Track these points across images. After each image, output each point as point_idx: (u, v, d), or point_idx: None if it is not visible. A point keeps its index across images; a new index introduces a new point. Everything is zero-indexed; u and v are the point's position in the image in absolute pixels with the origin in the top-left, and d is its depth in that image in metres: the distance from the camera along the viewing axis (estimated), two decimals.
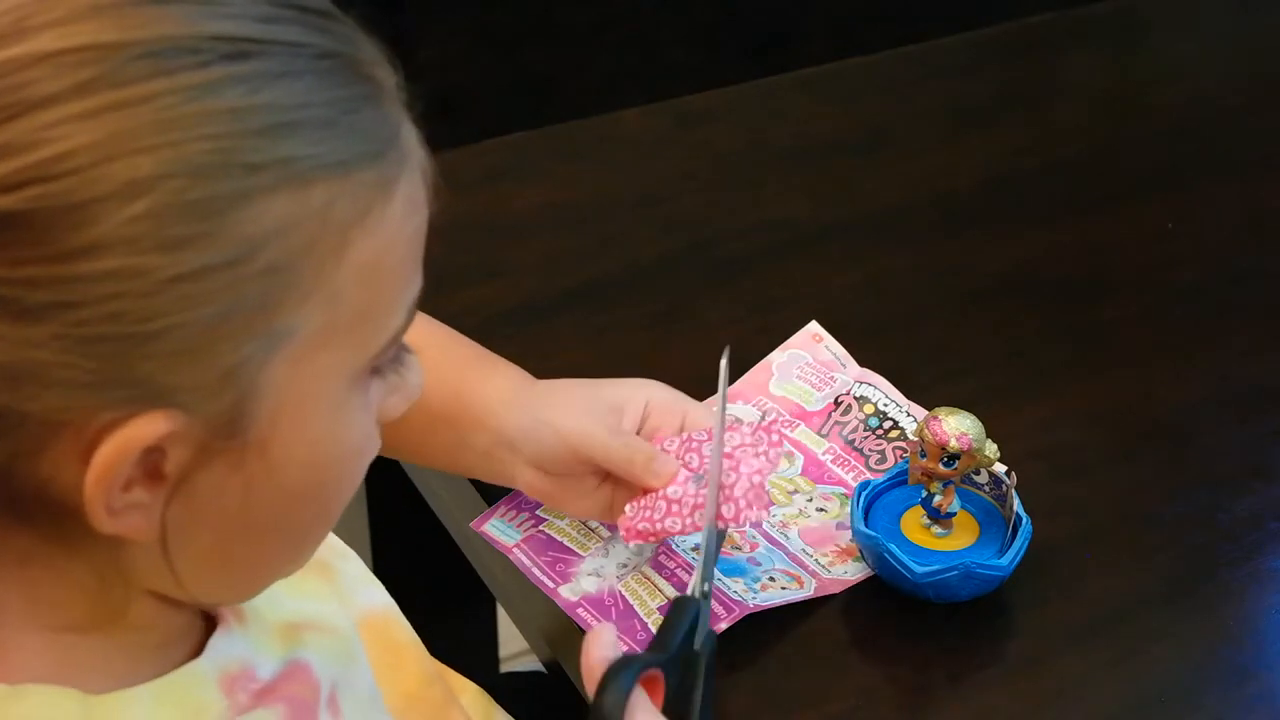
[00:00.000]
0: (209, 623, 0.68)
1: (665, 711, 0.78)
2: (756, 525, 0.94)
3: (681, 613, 0.82)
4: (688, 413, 0.92)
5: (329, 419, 0.61)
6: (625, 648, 0.88)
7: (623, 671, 0.76)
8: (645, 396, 0.93)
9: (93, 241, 0.54)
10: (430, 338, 0.96)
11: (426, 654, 0.85)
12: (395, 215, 0.60)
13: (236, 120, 0.56)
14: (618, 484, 0.91)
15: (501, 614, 1.31)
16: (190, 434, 0.57)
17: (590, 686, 0.77)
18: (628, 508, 0.89)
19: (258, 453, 0.59)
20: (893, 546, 0.91)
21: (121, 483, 0.57)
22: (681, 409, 0.93)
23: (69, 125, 0.54)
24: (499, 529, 0.95)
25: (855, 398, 1.05)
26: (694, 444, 0.90)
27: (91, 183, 0.54)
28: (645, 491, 0.89)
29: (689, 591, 0.84)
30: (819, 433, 1.04)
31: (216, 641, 0.67)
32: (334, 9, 0.61)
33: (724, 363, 0.89)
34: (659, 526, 0.88)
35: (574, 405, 0.91)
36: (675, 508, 0.88)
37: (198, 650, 0.66)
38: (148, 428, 0.56)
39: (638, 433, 0.92)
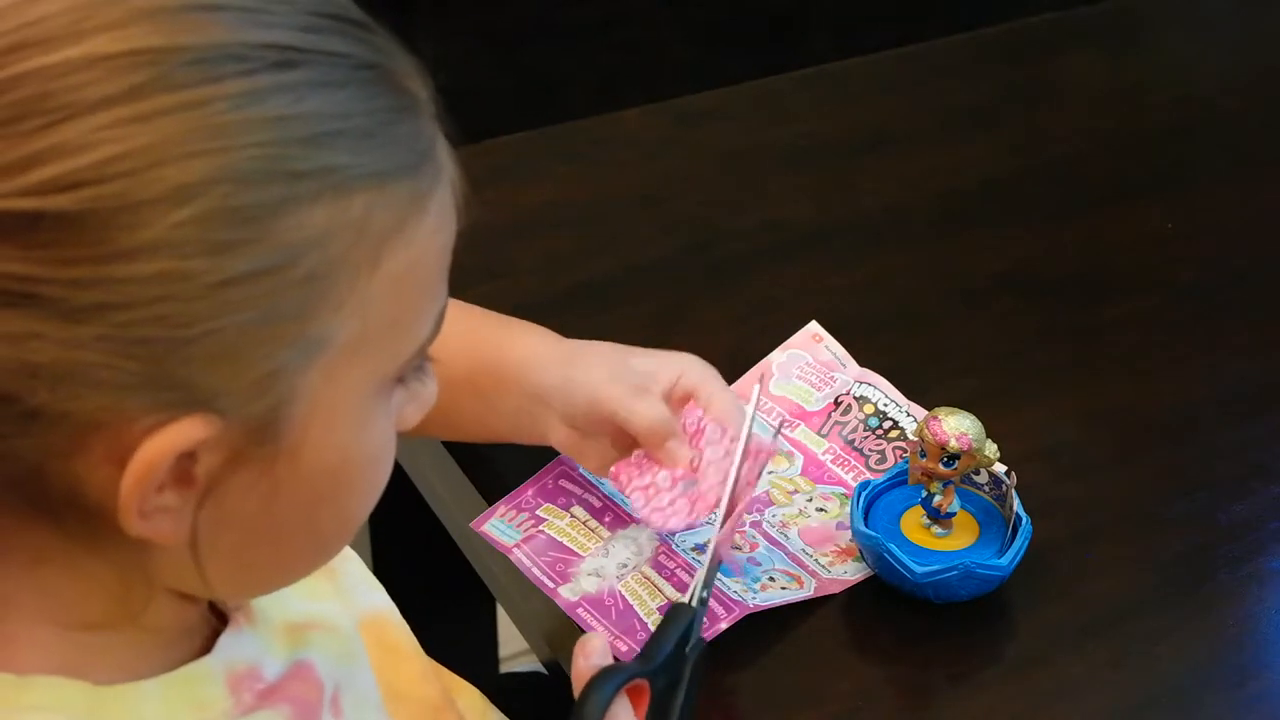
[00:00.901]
0: (218, 619, 0.68)
1: (647, 718, 0.78)
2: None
3: (676, 619, 0.83)
4: (713, 396, 0.92)
5: (355, 426, 0.62)
6: (624, 647, 0.88)
7: (605, 682, 0.77)
8: (679, 370, 0.93)
9: (141, 244, 0.54)
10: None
11: (424, 656, 0.85)
12: (428, 228, 0.61)
13: (282, 128, 0.56)
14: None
15: (501, 614, 1.31)
16: (225, 439, 0.58)
17: (578, 694, 0.78)
18: (635, 453, 0.91)
19: (287, 459, 0.60)
20: (893, 546, 0.91)
21: (157, 485, 0.57)
22: (708, 391, 0.92)
23: (122, 128, 0.54)
24: (499, 529, 0.95)
25: (855, 398, 1.05)
26: (704, 436, 0.91)
27: (143, 185, 0.54)
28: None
29: (687, 598, 0.84)
30: (819, 433, 1.04)
31: (226, 640, 0.67)
32: (372, 21, 0.62)
33: (753, 401, 0.91)
34: (627, 489, 0.90)
35: (604, 367, 0.92)
36: (650, 491, 0.90)
37: (206, 647, 0.67)
38: (186, 432, 0.56)
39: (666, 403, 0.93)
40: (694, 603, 0.84)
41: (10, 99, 0.54)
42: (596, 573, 0.93)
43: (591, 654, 0.80)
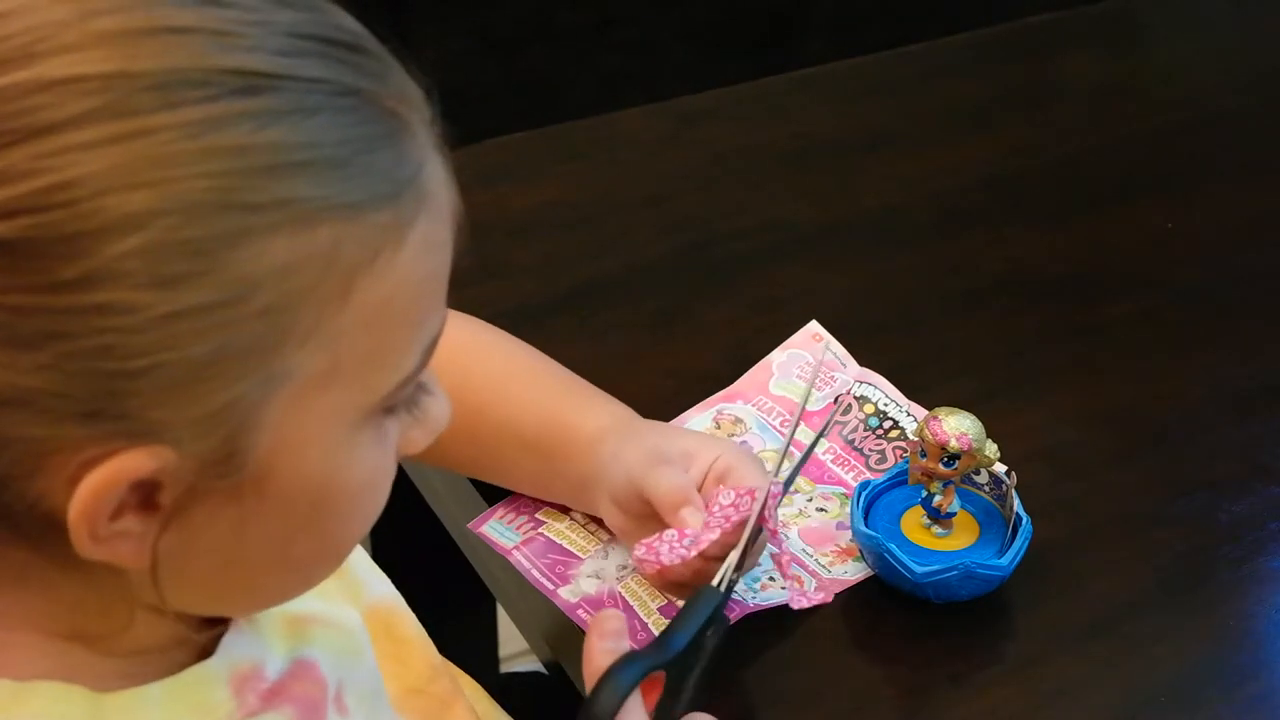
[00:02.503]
0: (216, 623, 0.68)
1: (658, 709, 0.77)
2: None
3: (700, 603, 0.81)
4: (746, 478, 0.89)
5: (331, 458, 0.60)
6: (630, 635, 0.88)
7: (622, 672, 0.75)
8: (717, 452, 0.91)
9: (84, 274, 0.53)
10: (524, 365, 0.97)
11: (432, 647, 0.85)
12: (408, 258, 0.59)
13: (239, 158, 0.55)
14: None
15: (501, 614, 1.31)
16: (181, 470, 0.56)
17: (589, 674, 0.76)
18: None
19: (254, 489, 0.59)
20: (893, 546, 0.91)
21: (109, 513, 0.56)
22: (741, 473, 0.90)
23: (68, 155, 0.53)
24: (497, 531, 0.95)
25: (855, 397, 1.05)
26: (722, 509, 0.87)
27: (86, 215, 0.53)
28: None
29: (715, 581, 0.83)
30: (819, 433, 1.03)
31: (229, 641, 0.66)
32: (367, 42, 0.60)
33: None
34: (638, 551, 0.87)
35: (645, 444, 0.91)
36: (655, 542, 0.86)
37: (204, 649, 0.66)
38: (133, 463, 0.55)
39: (700, 485, 0.90)
40: (721, 587, 0.82)
41: None
42: (596, 574, 0.93)
43: (607, 634, 0.78)
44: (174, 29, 0.55)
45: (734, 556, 0.84)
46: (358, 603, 0.78)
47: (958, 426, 0.91)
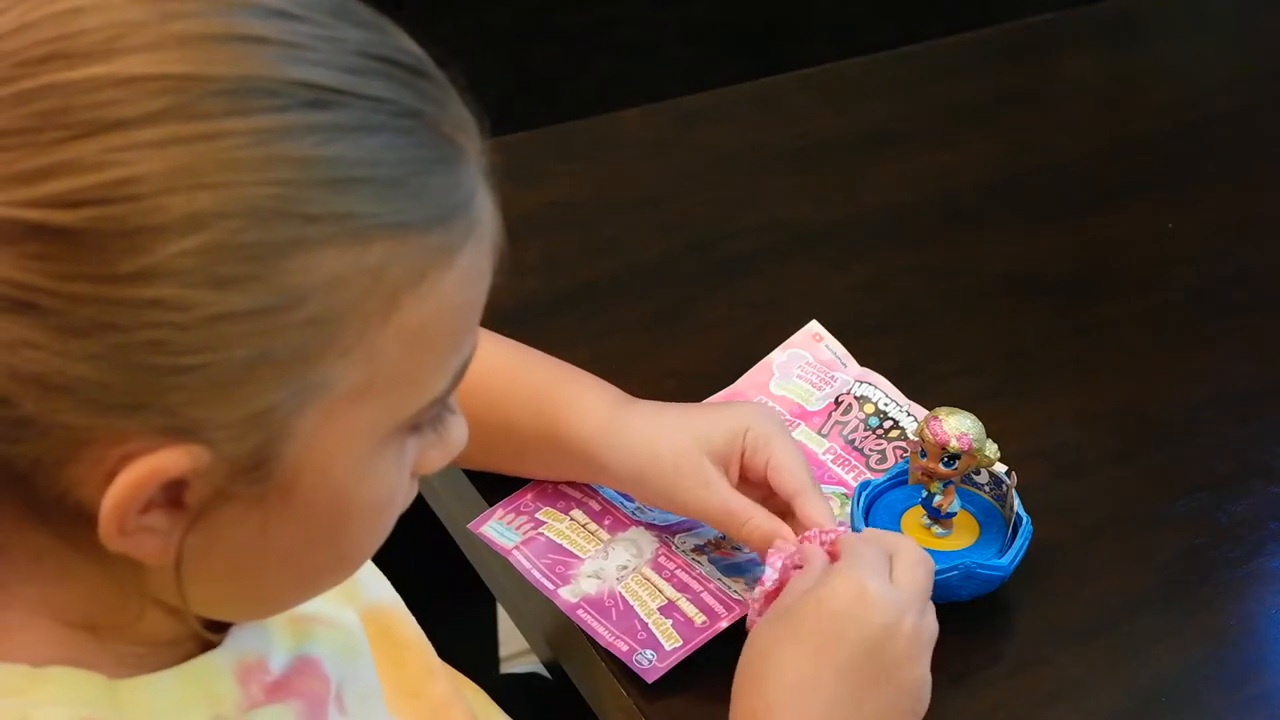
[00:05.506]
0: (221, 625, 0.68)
1: None
2: None
3: None
4: (773, 453, 0.90)
5: (356, 472, 0.61)
6: (624, 647, 0.88)
7: None
8: (744, 428, 0.91)
9: (142, 269, 0.54)
10: (505, 360, 0.97)
11: (431, 650, 0.85)
12: (452, 283, 0.60)
13: (303, 169, 0.56)
14: None
15: (501, 614, 1.31)
16: (214, 471, 0.57)
17: None
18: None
19: (280, 496, 0.60)
20: None
21: (139, 507, 0.57)
22: (769, 447, 0.91)
23: (137, 151, 0.54)
24: (497, 531, 0.95)
25: (855, 397, 1.05)
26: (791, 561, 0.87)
27: (149, 212, 0.54)
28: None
29: None
30: (819, 432, 1.04)
31: (235, 633, 0.67)
32: (428, 67, 0.61)
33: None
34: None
35: (680, 462, 0.90)
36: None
37: (208, 644, 0.67)
38: (171, 460, 0.56)
39: (741, 466, 0.91)
40: None
41: (34, 109, 0.54)
42: (596, 574, 0.93)
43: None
44: (249, 37, 0.56)
45: None
46: (354, 602, 0.78)
47: (958, 426, 0.91)
